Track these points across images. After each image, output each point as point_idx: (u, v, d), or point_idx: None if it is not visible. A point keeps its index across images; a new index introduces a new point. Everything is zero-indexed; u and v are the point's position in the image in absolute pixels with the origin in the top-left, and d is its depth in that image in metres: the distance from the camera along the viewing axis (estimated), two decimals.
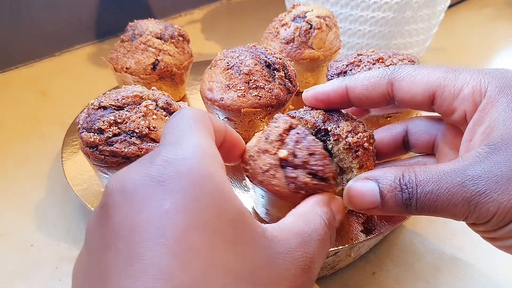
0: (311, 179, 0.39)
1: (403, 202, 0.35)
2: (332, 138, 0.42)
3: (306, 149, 0.40)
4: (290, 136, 0.42)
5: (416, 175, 0.35)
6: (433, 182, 0.34)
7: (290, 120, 0.43)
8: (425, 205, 0.34)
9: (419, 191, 0.34)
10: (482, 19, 1.30)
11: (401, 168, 0.36)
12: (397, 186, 0.35)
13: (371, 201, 0.36)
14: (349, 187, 0.38)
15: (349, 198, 0.37)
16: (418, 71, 0.38)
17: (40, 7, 0.98)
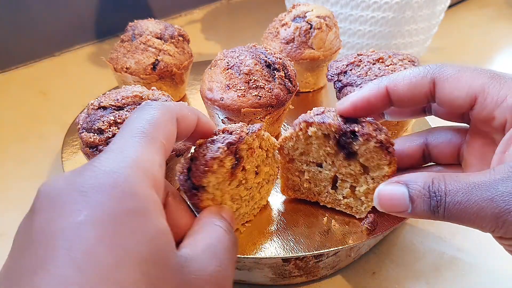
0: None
1: (431, 209, 0.35)
2: (361, 138, 0.43)
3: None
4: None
5: (446, 183, 0.35)
6: (463, 193, 0.34)
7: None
8: (452, 215, 0.34)
9: (448, 200, 0.34)
10: (482, 19, 1.30)
11: (431, 174, 0.36)
12: (426, 192, 0.35)
13: (401, 205, 0.36)
14: (379, 190, 0.38)
15: (379, 201, 0.38)
16: (462, 73, 0.38)
17: (40, 7, 0.98)
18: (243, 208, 0.49)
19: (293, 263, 0.48)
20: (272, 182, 0.52)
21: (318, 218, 0.51)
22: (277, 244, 0.47)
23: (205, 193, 0.42)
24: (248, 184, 0.48)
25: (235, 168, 0.45)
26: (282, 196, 0.55)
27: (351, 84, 0.61)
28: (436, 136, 0.45)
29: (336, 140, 0.45)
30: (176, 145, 0.50)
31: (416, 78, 0.39)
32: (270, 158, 0.49)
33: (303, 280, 0.51)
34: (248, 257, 0.46)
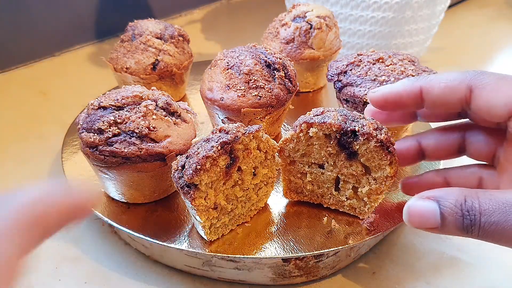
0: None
1: (464, 228, 0.35)
2: (361, 138, 0.43)
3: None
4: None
5: (480, 202, 0.34)
6: (500, 213, 0.33)
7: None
8: (488, 235, 0.34)
9: (483, 221, 0.33)
10: (482, 19, 1.30)
11: (464, 191, 0.35)
12: (458, 211, 0.34)
13: (431, 222, 0.36)
14: (409, 205, 0.37)
15: (409, 217, 0.37)
16: (501, 82, 0.37)
17: (40, 7, 0.98)
18: (239, 209, 0.49)
19: (293, 263, 0.48)
20: (271, 185, 0.52)
21: (318, 218, 0.51)
22: (277, 244, 0.47)
23: (197, 191, 0.42)
24: (244, 185, 0.48)
25: (230, 167, 0.45)
26: (282, 197, 0.55)
27: (351, 84, 0.61)
28: (474, 133, 0.44)
29: (337, 140, 0.45)
30: (176, 145, 0.50)
31: (453, 83, 0.38)
32: (269, 160, 0.49)
33: (303, 280, 0.51)
34: (248, 257, 0.46)
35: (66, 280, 0.51)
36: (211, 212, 0.45)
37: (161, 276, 0.52)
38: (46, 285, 0.51)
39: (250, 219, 0.51)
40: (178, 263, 0.52)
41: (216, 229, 0.48)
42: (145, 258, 0.54)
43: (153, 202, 0.54)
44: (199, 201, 0.43)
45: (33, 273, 0.52)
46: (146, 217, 0.52)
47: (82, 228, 0.59)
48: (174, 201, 0.54)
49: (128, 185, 0.51)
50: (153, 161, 0.49)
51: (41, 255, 0.55)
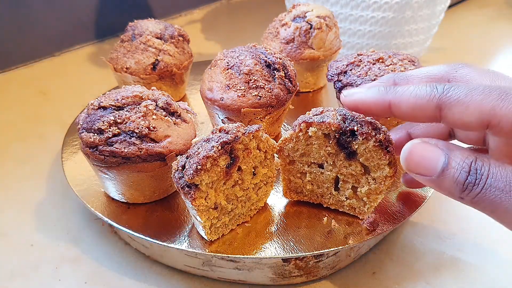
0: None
1: (464, 184, 0.33)
2: (360, 138, 0.43)
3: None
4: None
5: (491, 166, 0.32)
6: (507, 182, 0.31)
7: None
8: (486, 199, 0.32)
9: (488, 182, 0.32)
10: (482, 19, 1.30)
11: (475, 152, 0.34)
12: (466, 166, 0.33)
13: (430, 167, 0.34)
14: (413, 144, 0.35)
15: (408, 154, 0.35)
16: (470, 96, 0.35)
17: (40, 7, 0.98)
18: (239, 208, 0.49)
19: (293, 263, 0.48)
20: (270, 184, 0.52)
21: (318, 218, 0.51)
22: (277, 244, 0.47)
23: (198, 191, 0.42)
24: (244, 184, 0.48)
25: (230, 167, 0.45)
26: (281, 197, 0.55)
27: (351, 84, 0.61)
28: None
29: (336, 139, 0.45)
30: (176, 145, 0.50)
31: (421, 101, 0.36)
32: (269, 160, 0.49)
33: (303, 280, 0.51)
34: (248, 257, 0.46)
35: (66, 280, 0.51)
36: (212, 212, 0.45)
37: (161, 276, 0.52)
38: (46, 285, 0.51)
39: (250, 219, 0.52)
40: (178, 263, 0.52)
41: (216, 229, 0.48)
42: (145, 258, 0.54)
43: (153, 202, 0.54)
44: (200, 201, 0.43)
45: (33, 273, 0.52)
46: (146, 217, 0.52)
47: (82, 228, 0.59)
48: (174, 201, 0.54)
49: (128, 185, 0.51)
50: (153, 161, 0.49)
51: (41, 255, 0.55)
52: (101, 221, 0.59)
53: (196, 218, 0.45)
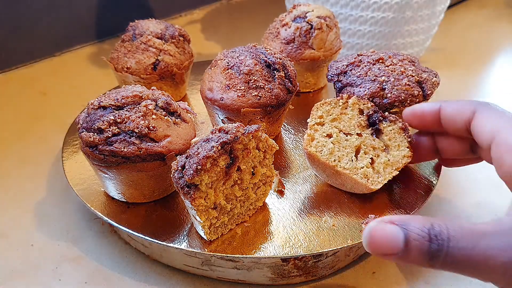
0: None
1: (430, 253, 0.34)
2: (388, 119, 0.53)
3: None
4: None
5: (449, 228, 0.34)
6: (468, 240, 0.33)
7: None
8: (454, 262, 0.33)
9: (451, 245, 0.33)
10: (482, 19, 1.30)
11: (429, 218, 0.35)
12: (425, 235, 0.34)
13: (393, 245, 0.34)
14: (371, 227, 0.36)
15: (369, 238, 0.36)
16: (494, 111, 0.42)
17: (40, 7, 0.98)
18: (238, 208, 0.49)
19: (292, 263, 0.48)
20: (269, 184, 0.52)
21: (318, 218, 0.51)
22: (276, 243, 0.48)
23: (197, 192, 0.43)
24: (243, 184, 0.48)
25: (230, 167, 0.45)
26: (280, 197, 0.55)
27: (351, 84, 0.61)
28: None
29: (368, 116, 0.54)
30: (176, 145, 0.50)
31: (463, 106, 0.46)
32: (267, 160, 0.49)
33: (302, 280, 0.51)
34: (247, 257, 0.46)
35: (66, 280, 0.51)
36: (211, 212, 0.45)
37: (161, 275, 0.52)
38: (46, 285, 0.51)
39: (249, 219, 0.52)
40: (178, 263, 0.52)
41: (215, 229, 0.48)
42: (145, 257, 0.54)
43: (152, 202, 0.54)
44: (199, 201, 0.43)
45: (33, 273, 0.52)
46: (145, 216, 0.52)
47: (82, 228, 0.59)
48: (173, 200, 0.55)
49: (127, 185, 0.51)
50: (153, 160, 0.49)
51: (41, 255, 0.55)
52: (101, 221, 0.59)
53: (195, 218, 0.45)
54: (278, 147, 0.50)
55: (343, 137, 0.53)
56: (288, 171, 0.60)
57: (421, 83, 0.59)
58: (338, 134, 0.53)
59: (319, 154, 0.52)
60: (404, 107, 0.58)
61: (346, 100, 0.54)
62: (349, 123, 0.54)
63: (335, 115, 0.54)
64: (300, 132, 0.69)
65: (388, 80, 0.58)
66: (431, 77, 0.60)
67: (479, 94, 0.94)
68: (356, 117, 0.54)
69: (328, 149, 0.53)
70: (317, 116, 0.55)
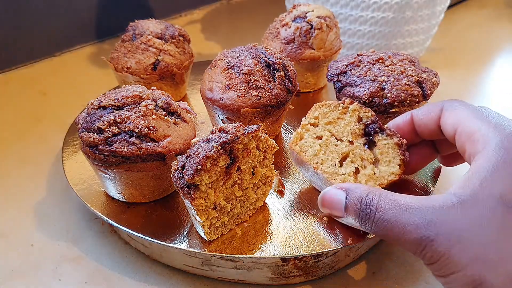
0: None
1: (359, 220, 0.39)
2: (385, 132, 0.50)
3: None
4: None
5: (380, 199, 0.38)
6: (393, 212, 0.36)
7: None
8: (378, 230, 0.38)
9: (378, 216, 0.37)
10: (482, 19, 1.30)
11: (370, 188, 0.40)
12: (358, 203, 0.39)
13: (337, 208, 0.41)
14: (324, 192, 0.43)
15: (322, 202, 0.43)
16: (458, 107, 0.43)
17: (40, 7, 0.98)
18: (238, 208, 0.49)
19: (292, 263, 0.48)
20: (269, 184, 0.52)
21: (318, 218, 0.51)
22: (276, 244, 0.48)
23: (197, 192, 0.43)
24: (243, 184, 0.48)
25: (230, 167, 0.45)
26: (280, 197, 0.55)
27: (350, 84, 0.61)
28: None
29: (365, 125, 0.51)
30: (176, 145, 0.50)
31: (433, 107, 0.46)
32: (267, 160, 0.49)
33: (302, 280, 0.51)
34: (247, 257, 0.46)
35: (66, 280, 0.51)
36: (211, 212, 0.45)
37: (161, 275, 0.52)
38: (46, 285, 0.51)
39: (249, 219, 0.52)
40: (178, 263, 0.52)
41: (215, 229, 0.48)
42: (145, 257, 0.54)
43: (152, 202, 0.54)
44: (199, 201, 0.43)
45: (33, 273, 0.52)
46: (145, 216, 0.52)
47: (82, 228, 0.59)
48: (173, 200, 0.55)
49: (127, 185, 0.51)
50: (153, 160, 0.49)
51: (41, 255, 0.55)
52: (101, 221, 0.59)
53: (195, 218, 0.45)
54: (278, 147, 0.50)
55: (333, 141, 0.52)
56: (288, 171, 0.60)
57: (421, 83, 0.59)
58: (328, 138, 0.52)
59: (302, 154, 0.51)
60: (404, 107, 0.58)
61: (347, 105, 0.53)
62: (343, 128, 0.52)
63: (331, 119, 0.53)
64: None
65: (388, 80, 0.58)
66: (431, 77, 0.60)
67: (479, 94, 0.94)
68: (353, 124, 0.52)
69: (313, 150, 0.51)
70: (312, 117, 0.53)
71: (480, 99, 0.92)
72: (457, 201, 0.35)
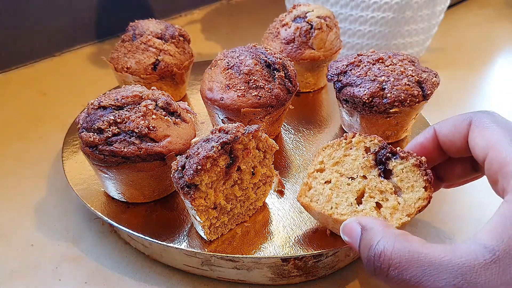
0: None
1: (369, 271, 0.34)
2: (398, 156, 0.44)
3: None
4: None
5: (394, 251, 0.32)
6: (413, 272, 0.30)
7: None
8: (392, 284, 0.32)
9: (392, 274, 0.31)
10: (482, 19, 1.30)
11: (386, 230, 0.34)
12: (365, 251, 0.34)
13: (353, 246, 0.37)
14: (345, 223, 0.40)
15: (342, 232, 0.40)
16: (491, 124, 0.36)
17: (40, 7, 0.98)
18: (238, 208, 0.49)
19: (292, 263, 0.48)
20: (269, 184, 0.52)
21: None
22: (276, 243, 0.48)
23: (197, 192, 0.42)
24: (243, 184, 0.48)
25: (230, 167, 0.45)
26: (280, 197, 0.55)
27: (350, 84, 0.61)
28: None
29: (375, 153, 0.46)
30: (176, 145, 0.50)
31: (458, 121, 0.39)
32: (267, 160, 0.49)
33: (302, 280, 0.51)
34: (247, 257, 0.46)
35: (66, 280, 0.51)
36: (211, 212, 0.45)
37: (161, 275, 0.52)
38: (46, 285, 0.51)
39: (249, 219, 0.52)
40: (178, 263, 0.52)
41: (215, 229, 0.48)
42: (145, 257, 0.54)
43: (152, 202, 0.54)
44: (199, 201, 0.43)
45: (33, 273, 0.52)
46: (145, 216, 0.52)
47: (82, 227, 0.59)
48: (173, 200, 0.55)
49: (127, 185, 0.51)
50: (153, 160, 0.49)
51: (41, 255, 0.55)
52: (101, 221, 0.59)
53: (195, 218, 0.45)
54: (278, 147, 0.50)
55: (344, 181, 0.46)
56: (288, 171, 0.60)
57: (421, 83, 0.59)
58: (338, 179, 0.47)
59: (314, 204, 0.46)
60: (404, 107, 0.58)
61: (350, 139, 0.47)
62: (352, 165, 0.46)
63: (337, 158, 0.48)
64: (300, 132, 0.69)
65: (388, 80, 0.58)
66: (431, 77, 0.60)
67: (479, 94, 0.94)
68: (361, 157, 0.46)
69: (324, 196, 0.46)
70: (317, 162, 0.48)
71: (480, 99, 0.92)
72: (490, 257, 0.29)
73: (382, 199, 0.44)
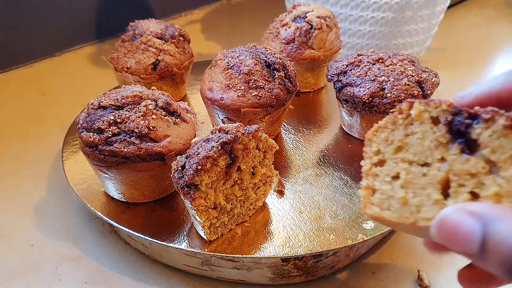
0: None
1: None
2: (482, 118, 0.30)
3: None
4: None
5: None
6: None
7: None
8: None
9: None
10: (482, 19, 1.30)
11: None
12: (508, 252, 0.23)
13: (466, 244, 0.25)
14: (445, 215, 0.27)
15: (439, 231, 0.27)
16: None
17: (40, 7, 0.98)
18: (238, 208, 0.49)
19: (292, 263, 0.48)
20: (269, 184, 0.52)
21: (318, 218, 0.51)
22: (276, 244, 0.48)
23: (197, 192, 0.42)
24: (243, 184, 0.48)
25: (230, 167, 0.45)
26: (280, 197, 0.55)
27: (350, 84, 0.61)
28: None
29: (448, 123, 0.32)
30: (176, 145, 0.50)
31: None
32: (267, 160, 0.50)
33: (302, 280, 0.51)
34: (247, 257, 0.46)
35: (66, 280, 0.51)
36: (211, 212, 0.45)
37: (161, 275, 0.52)
38: (46, 285, 0.51)
39: (249, 219, 0.52)
40: (178, 263, 0.52)
41: (215, 229, 0.48)
42: (145, 257, 0.54)
43: (152, 202, 0.54)
44: (199, 201, 0.43)
45: (33, 273, 0.52)
46: (145, 216, 0.52)
47: (82, 227, 0.59)
48: (173, 200, 0.55)
49: (127, 185, 0.51)
50: (153, 160, 0.49)
51: (41, 255, 0.55)
52: (101, 221, 0.59)
53: (195, 218, 0.45)
54: (278, 147, 0.50)
55: (418, 171, 0.33)
56: (288, 171, 0.60)
57: (421, 83, 0.59)
58: (408, 170, 0.33)
59: (387, 214, 0.33)
60: None
61: (408, 112, 0.34)
62: (421, 147, 0.33)
63: (398, 142, 0.34)
64: (300, 132, 0.69)
65: (388, 80, 0.58)
66: (431, 77, 0.60)
67: None
68: (430, 133, 0.33)
69: (398, 200, 0.33)
70: (372, 154, 0.36)
71: None
72: None
73: (477, 185, 0.31)
